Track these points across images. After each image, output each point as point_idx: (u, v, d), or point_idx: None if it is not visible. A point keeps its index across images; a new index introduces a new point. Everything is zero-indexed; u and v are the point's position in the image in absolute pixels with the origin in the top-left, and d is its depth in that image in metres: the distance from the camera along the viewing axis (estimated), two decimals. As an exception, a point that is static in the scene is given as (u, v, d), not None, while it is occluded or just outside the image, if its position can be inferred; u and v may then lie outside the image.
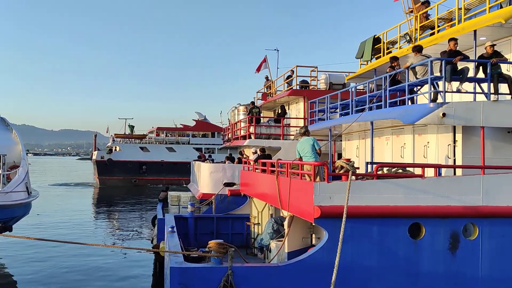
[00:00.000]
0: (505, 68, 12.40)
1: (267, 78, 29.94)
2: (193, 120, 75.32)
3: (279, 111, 24.77)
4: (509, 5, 12.53)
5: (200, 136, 74.05)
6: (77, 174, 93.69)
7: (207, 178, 22.51)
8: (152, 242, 21.41)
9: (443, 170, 11.92)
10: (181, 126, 75.16)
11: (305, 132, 12.47)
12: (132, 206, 42.50)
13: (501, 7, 12.77)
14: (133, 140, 72.98)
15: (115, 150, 68.61)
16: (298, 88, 25.05)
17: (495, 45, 11.96)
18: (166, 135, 73.07)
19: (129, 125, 76.90)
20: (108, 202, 46.25)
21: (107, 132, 79.26)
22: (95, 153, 69.42)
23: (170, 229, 14.27)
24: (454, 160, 12.02)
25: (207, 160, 27.82)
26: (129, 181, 66.23)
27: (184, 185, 33.57)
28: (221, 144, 71.95)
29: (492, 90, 11.53)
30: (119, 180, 65.87)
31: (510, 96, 11.55)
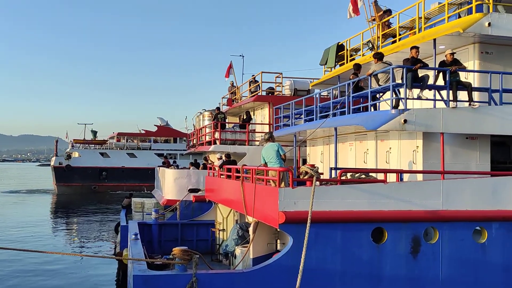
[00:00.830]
0: (463, 76, 12.78)
1: (232, 84, 29.95)
2: (154, 125, 74.29)
3: (244, 117, 24.80)
4: (467, 15, 12.95)
5: (162, 141, 73.09)
6: (36, 180, 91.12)
7: (171, 184, 22.30)
8: (115, 250, 21.01)
9: (406, 176, 12.17)
10: (144, 132, 74.02)
11: (270, 138, 12.51)
12: (93, 213, 41.56)
13: (459, 16, 13.19)
14: (93, 145, 71.51)
15: (74, 156, 67.05)
16: (263, 94, 25.15)
17: (454, 53, 12.31)
18: (127, 141, 71.84)
19: (91, 130, 75.34)
20: (67, 209, 45.04)
21: (66, 137, 77.35)
22: (53, 159, 67.72)
23: (133, 236, 14.04)
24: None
25: (172, 166, 27.56)
26: (89, 188, 64.78)
27: (146, 191, 33.01)
28: (184, 150, 71.31)
29: (451, 97, 11.86)
30: (78, 186, 64.38)
31: (468, 103, 11.90)
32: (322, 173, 14.94)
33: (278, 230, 11.36)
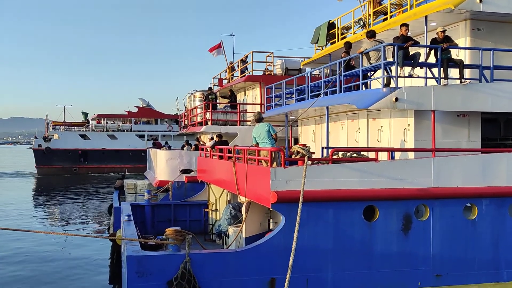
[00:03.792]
0: (455, 53, 12.75)
1: (231, 63, 29.53)
2: (135, 106, 73.43)
3: (230, 96, 24.65)
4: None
5: (143, 123, 72.44)
6: (20, 163, 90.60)
7: (163, 165, 22.27)
8: (108, 231, 21.06)
9: (397, 154, 12.22)
10: (127, 113, 73.15)
11: (260, 118, 12.49)
12: (79, 195, 41.37)
13: (451, -7, 13.08)
14: (73, 127, 71.00)
15: (54, 138, 66.61)
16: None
17: (446, 30, 12.26)
18: (107, 122, 71.24)
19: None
20: (51, 192, 44.69)
21: (46, 119, 76.64)
22: (34, 141, 67.32)
23: (126, 217, 14.06)
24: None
25: (164, 147, 27.52)
26: (69, 170, 64.54)
27: (127, 173, 32.83)
28: (165, 131, 70.82)
29: (442, 75, 11.85)
30: (58, 169, 64.13)
31: (459, 80, 11.89)
32: (313, 153, 14.98)
33: (271, 209, 11.40)
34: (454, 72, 12.24)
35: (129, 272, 9.47)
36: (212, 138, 20.47)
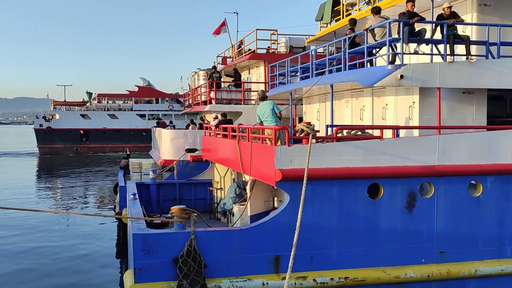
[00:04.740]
0: (461, 29, 12.59)
1: (241, 41, 29.21)
2: (135, 86, 73.11)
3: (234, 74, 24.51)
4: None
5: (144, 102, 72.30)
6: (23, 143, 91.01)
7: (168, 145, 22.33)
8: (114, 210, 21.24)
9: (402, 131, 12.18)
10: (128, 93, 72.92)
11: (264, 97, 12.45)
12: (83, 175, 41.67)
13: (458, -32, 12.87)
14: (74, 107, 71.09)
15: (55, 118, 66.77)
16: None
17: (452, 6, 12.08)
18: (108, 102, 71.15)
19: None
20: (54, 171, 45.05)
21: (46, 98, 76.59)
22: (35, 121, 67.59)
23: (132, 196, 14.15)
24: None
25: (168, 127, 27.54)
26: (71, 150, 64.86)
27: (128, 153, 33.00)
28: (166, 110, 70.70)
29: (448, 51, 11.72)
30: (60, 148, 64.47)
31: (465, 57, 11.76)
32: (318, 131, 14.95)
33: (275, 187, 11.44)
34: (460, 49, 12.11)
35: (135, 249, 9.57)
36: (217, 117, 20.45)
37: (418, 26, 11.80)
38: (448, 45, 11.70)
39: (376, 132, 11.74)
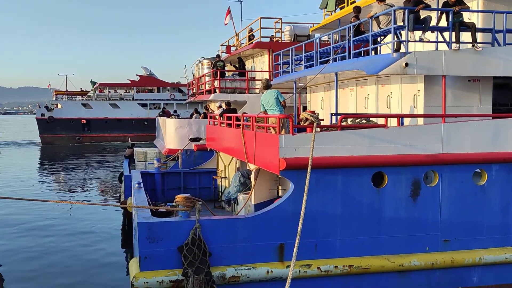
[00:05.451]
0: (467, 16, 12.48)
1: (251, 30, 29.03)
2: (137, 75, 72.89)
3: (238, 64, 24.42)
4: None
5: (146, 91, 72.17)
6: (25, 132, 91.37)
7: (173, 134, 22.37)
8: (119, 199, 21.35)
9: (407, 120, 12.13)
10: (128, 82, 72.79)
11: (268, 85, 12.41)
12: (88, 164, 41.79)
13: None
14: (76, 97, 71.16)
15: (57, 107, 66.85)
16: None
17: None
18: (110, 91, 71.07)
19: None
20: (57, 160, 45.20)
21: (48, 88, 76.57)
22: (36, 110, 67.75)
23: (136, 185, 14.20)
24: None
25: (172, 116, 27.56)
26: (73, 139, 65.03)
27: (130, 142, 33.07)
28: (168, 99, 70.52)
29: (454, 39, 11.63)
30: (62, 138, 64.65)
31: (471, 44, 11.67)
32: (322, 119, 14.92)
33: (279, 176, 11.45)
34: (466, 36, 12.01)
35: (140, 238, 9.63)
36: (221, 106, 20.42)
37: (423, 14, 11.71)
38: (453, 33, 11.61)
39: (381, 121, 11.71)
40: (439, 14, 12.17)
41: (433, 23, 11.92)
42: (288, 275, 8.70)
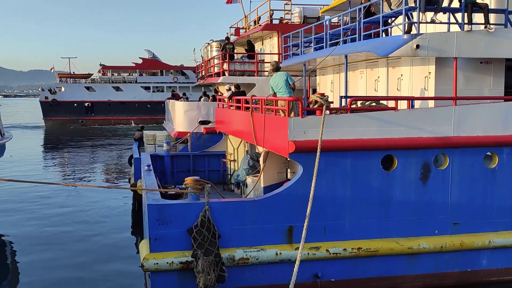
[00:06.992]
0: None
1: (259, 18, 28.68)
2: (140, 58, 72.45)
3: (247, 47, 24.27)
4: None
5: (149, 74, 71.84)
6: (34, 115, 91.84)
7: (182, 117, 22.39)
8: (129, 181, 21.50)
9: (417, 103, 12.03)
10: (132, 65, 72.44)
11: (277, 68, 12.34)
12: (93, 147, 41.92)
13: None
14: (79, 80, 71.16)
15: (61, 90, 66.95)
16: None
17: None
18: (113, 74, 70.83)
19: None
20: (62, 143, 45.35)
21: (52, 71, 76.64)
22: (40, 93, 67.92)
23: (146, 167, 14.27)
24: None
25: (182, 99, 27.55)
26: (76, 122, 65.17)
27: (134, 125, 33.07)
28: (170, 82, 70.41)
29: (466, 20, 11.45)
30: (65, 120, 64.79)
31: (484, 26, 11.49)
32: (332, 102, 14.84)
33: (288, 159, 11.43)
34: (478, 17, 11.82)
35: (150, 220, 9.70)
36: (230, 89, 20.38)
37: (435, -6, 11.52)
38: (466, 14, 11.43)
39: (391, 103, 11.62)
40: (451, -6, 11.97)
41: (445, 4, 11.74)
42: (297, 257, 8.75)
